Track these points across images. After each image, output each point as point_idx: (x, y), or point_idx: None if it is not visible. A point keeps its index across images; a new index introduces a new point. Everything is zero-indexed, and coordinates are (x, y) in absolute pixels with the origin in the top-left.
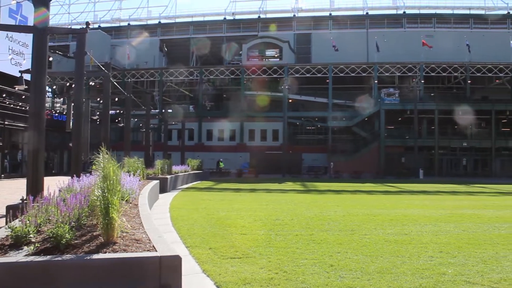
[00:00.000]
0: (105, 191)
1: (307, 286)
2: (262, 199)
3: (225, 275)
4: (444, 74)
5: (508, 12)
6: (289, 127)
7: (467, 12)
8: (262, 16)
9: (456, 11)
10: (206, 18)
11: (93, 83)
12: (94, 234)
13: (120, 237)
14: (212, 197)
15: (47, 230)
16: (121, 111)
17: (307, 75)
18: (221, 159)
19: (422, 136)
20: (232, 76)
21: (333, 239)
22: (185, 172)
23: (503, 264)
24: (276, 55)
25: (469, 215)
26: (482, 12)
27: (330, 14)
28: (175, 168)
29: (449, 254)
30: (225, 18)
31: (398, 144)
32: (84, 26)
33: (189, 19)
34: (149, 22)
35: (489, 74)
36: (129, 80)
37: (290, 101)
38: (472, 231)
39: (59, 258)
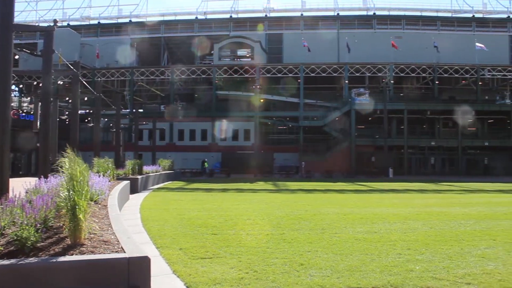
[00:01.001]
0: (72, 192)
1: (277, 285)
2: (233, 199)
3: (195, 275)
4: (413, 74)
5: (473, 15)
6: (261, 126)
7: (434, 14)
8: (234, 16)
9: (424, 13)
10: (178, 17)
11: (61, 82)
12: (61, 236)
13: (87, 238)
14: (183, 197)
15: (11, 232)
16: (91, 111)
17: (279, 75)
18: (205, 159)
19: (391, 136)
20: (203, 76)
21: (304, 238)
22: (156, 172)
23: (467, 260)
24: (247, 55)
25: (437, 213)
26: (449, 14)
27: (302, 14)
28: (146, 168)
29: (416, 251)
30: (196, 18)
31: (368, 144)
32: (52, 24)
33: (161, 18)
34: (120, 20)
35: (456, 75)
36: (99, 79)
37: (261, 101)
38: (439, 228)
39: (24, 262)
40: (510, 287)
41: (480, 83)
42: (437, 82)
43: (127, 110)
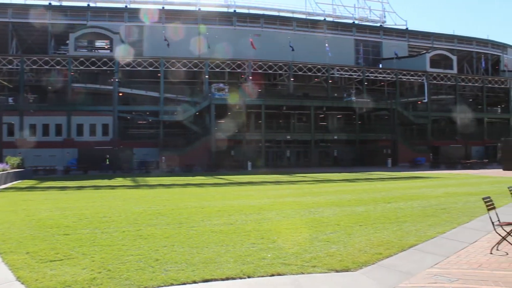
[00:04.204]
0: None
1: (131, 283)
2: (89, 196)
3: (43, 280)
4: (270, 71)
5: (325, 19)
6: (120, 121)
7: (290, 15)
8: (92, 4)
9: (281, 13)
10: (28, 2)
11: None
12: None
13: None
14: (34, 196)
15: None
16: None
17: (139, 68)
18: (107, 156)
19: (250, 130)
20: (58, 67)
21: (160, 233)
22: (3, 171)
23: (314, 245)
24: (106, 47)
25: (290, 203)
26: (304, 16)
27: (163, 7)
28: None
29: (269, 240)
30: (50, 4)
31: (228, 138)
32: None
33: (8, 1)
34: None
35: (309, 73)
36: None
37: (120, 94)
38: (291, 217)
39: None
40: (348, 265)
41: (330, 81)
42: (292, 79)
43: None
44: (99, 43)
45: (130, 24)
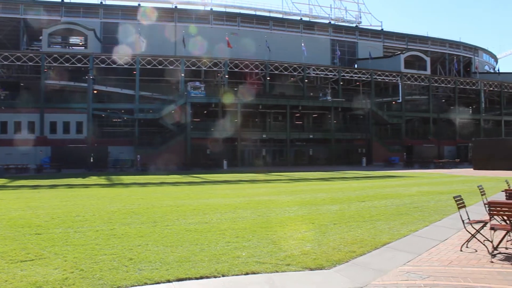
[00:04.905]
0: None
1: (104, 283)
2: (63, 195)
3: (13, 281)
4: (246, 70)
5: (301, 19)
6: (94, 119)
7: (267, 14)
8: (66, 0)
9: (258, 13)
10: None
11: None
12: None
13: None
14: (5, 196)
15: None
16: None
17: (114, 65)
18: (92, 154)
19: (226, 129)
20: (31, 63)
21: (135, 232)
22: None
23: (289, 243)
24: (81, 43)
25: (265, 201)
26: (280, 16)
27: (139, 4)
28: None
29: (244, 238)
30: None
31: (203, 136)
32: None
33: None
34: None
35: (286, 73)
36: None
37: (95, 92)
38: (266, 215)
39: None
40: (323, 263)
41: (306, 80)
42: (268, 78)
43: None
44: (73, 40)
45: (105, 20)
